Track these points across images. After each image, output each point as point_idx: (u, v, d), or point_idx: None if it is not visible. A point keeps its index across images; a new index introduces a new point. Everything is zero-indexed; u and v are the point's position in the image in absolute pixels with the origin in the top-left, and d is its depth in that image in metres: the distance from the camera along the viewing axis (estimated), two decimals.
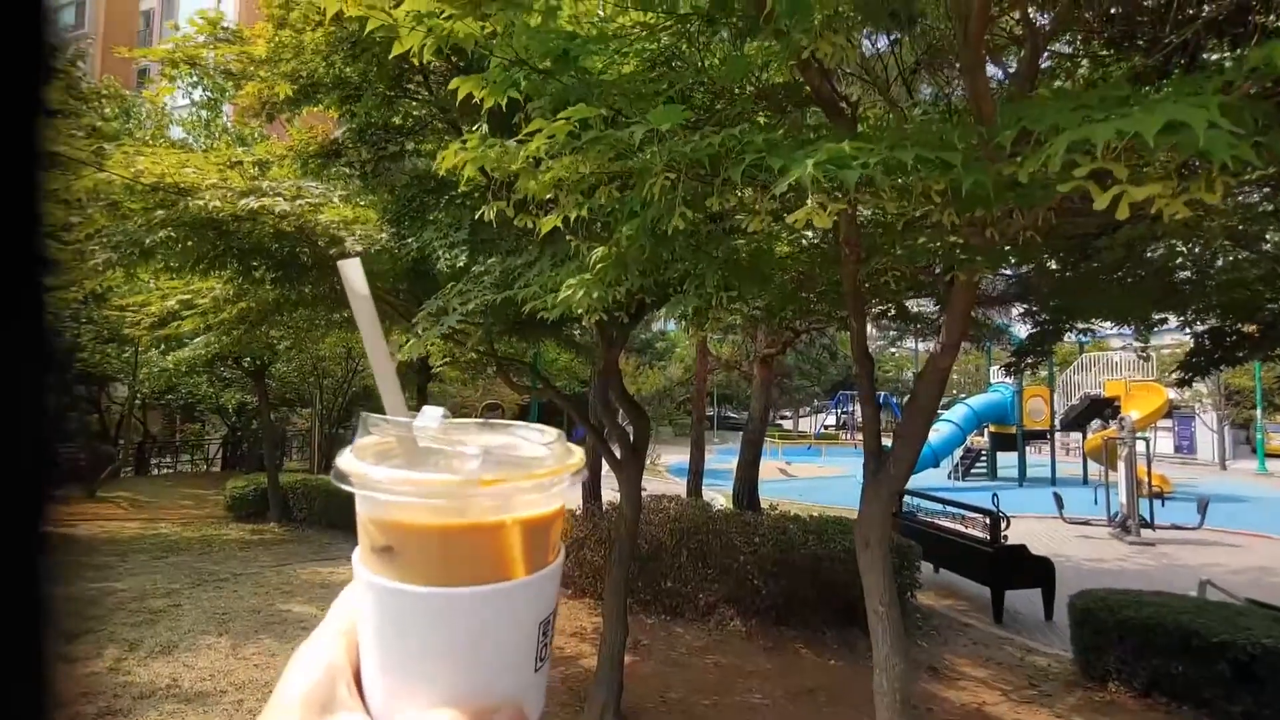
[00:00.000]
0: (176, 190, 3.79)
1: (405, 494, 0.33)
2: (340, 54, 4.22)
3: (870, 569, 2.41)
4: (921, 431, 2.44)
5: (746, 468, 9.52)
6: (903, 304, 4.30)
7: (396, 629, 0.34)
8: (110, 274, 4.82)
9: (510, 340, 5.05)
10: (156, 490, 14.36)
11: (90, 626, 5.67)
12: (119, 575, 7.27)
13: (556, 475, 0.36)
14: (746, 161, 1.18)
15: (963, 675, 5.65)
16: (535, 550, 0.36)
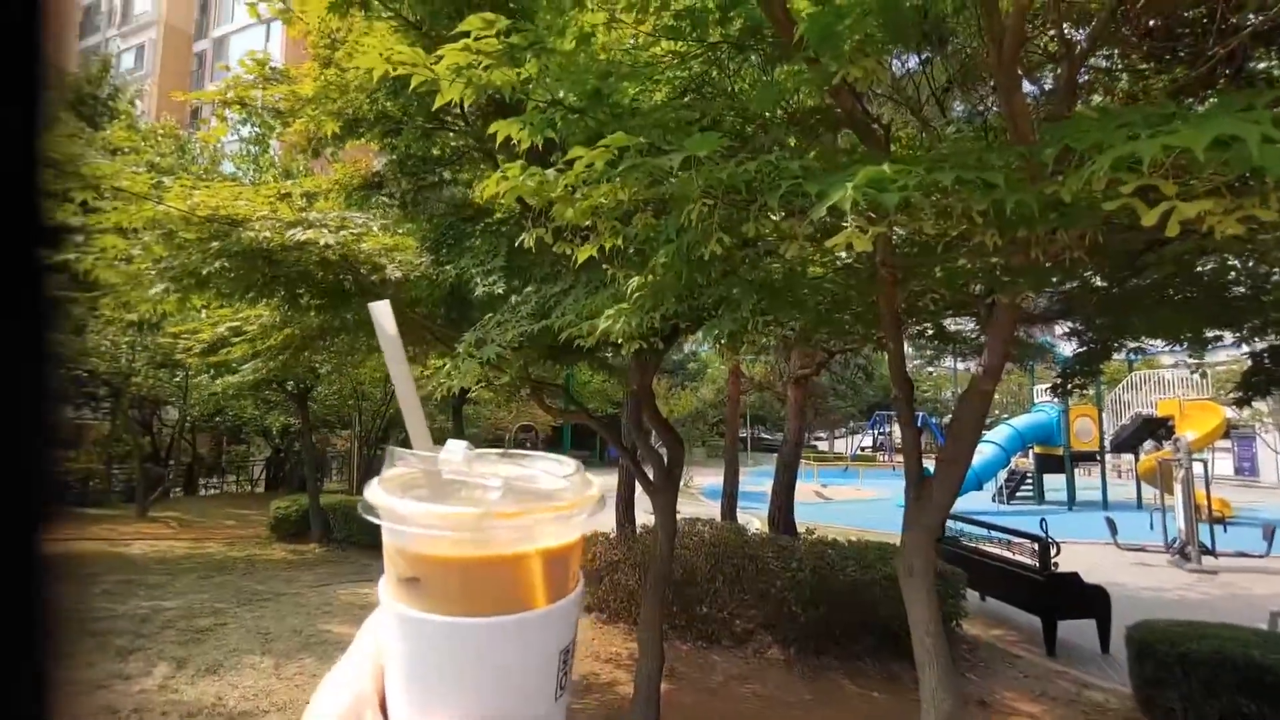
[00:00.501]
0: (230, 222, 3.97)
1: (430, 526, 0.34)
2: (382, 91, 4.39)
3: (914, 598, 2.34)
4: (965, 456, 2.37)
5: (782, 490, 9.37)
6: (941, 324, 4.21)
7: (421, 658, 0.35)
8: (166, 301, 5.04)
9: (545, 365, 5.11)
10: (204, 510, 14.80)
11: (142, 645, 5.84)
12: (168, 594, 7.48)
13: (576, 507, 0.37)
14: (783, 188, 1.18)
15: (1015, 710, 5.40)
16: (556, 580, 0.36)
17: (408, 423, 0.41)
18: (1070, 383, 4.75)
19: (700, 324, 2.82)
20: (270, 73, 5.70)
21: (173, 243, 4.18)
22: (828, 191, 1.09)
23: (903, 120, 3.62)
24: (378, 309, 0.42)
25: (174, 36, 38.09)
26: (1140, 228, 1.28)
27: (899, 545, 2.49)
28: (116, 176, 3.76)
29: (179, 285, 4.45)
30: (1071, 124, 1.12)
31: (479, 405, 15.88)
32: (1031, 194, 1.06)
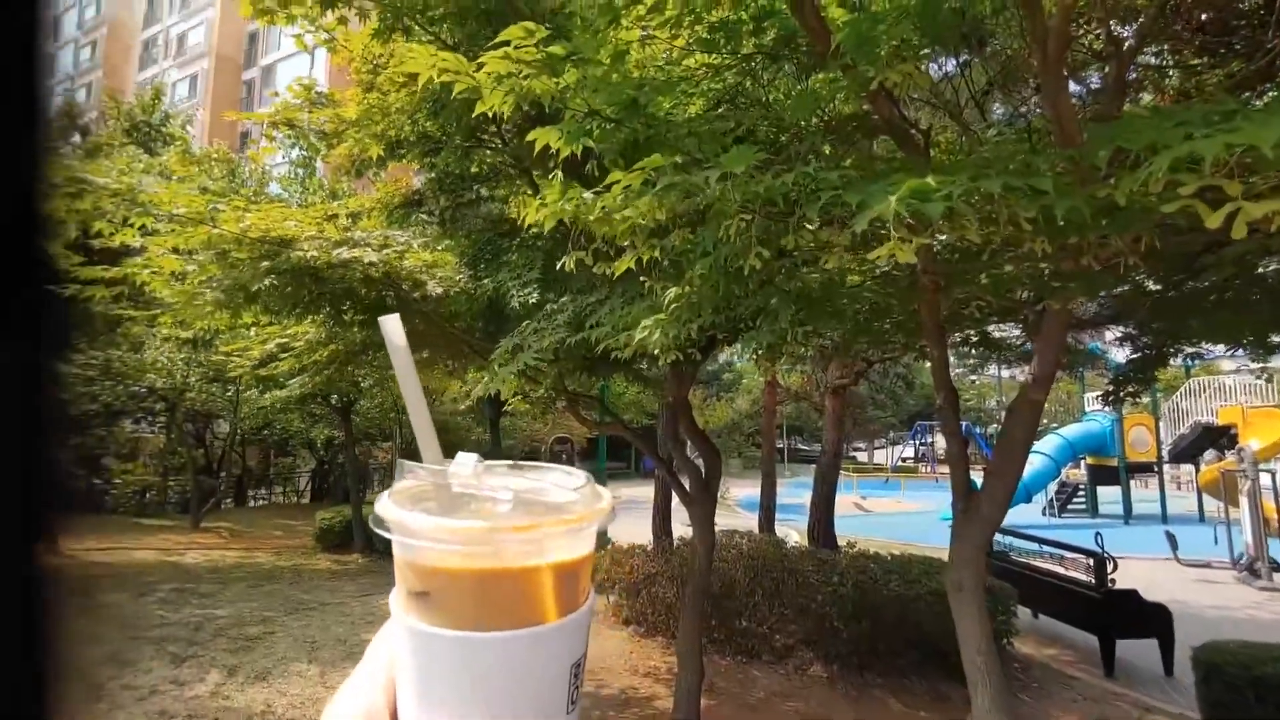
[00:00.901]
0: (280, 242, 4.12)
1: (440, 540, 0.34)
2: (423, 112, 4.51)
3: (965, 614, 2.26)
4: (1016, 469, 2.29)
5: (820, 502, 9.20)
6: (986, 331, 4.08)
7: (432, 671, 0.35)
8: (218, 318, 5.25)
9: (580, 377, 5.15)
10: (253, 521, 15.27)
11: (195, 652, 6.03)
12: (220, 603, 7.73)
13: (587, 520, 0.36)
14: (823, 200, 1.17)
15: None
16: (566, 593, 0.36)
17: (418, 435, 0.41)
18: (1123, 390, 4.55)
19: (737, 335, 2.80)
20: (316, 97, 5.93)
21: (225, 262, 4.37)
22: (869, 202, 1.08)
23: (941, 125, 3.55)
24: (387, 323, 0.42)
25: (225, 65, 39.94)
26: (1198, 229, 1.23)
27: (947, 560, 2.41)
28: (174, 201, 3.94)
29: (230, 301, 4.63)
30: (1123, 124, 1.08)
31: (515, 417, 16.05)
32: (1082, 199, 1.02)
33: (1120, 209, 1.07)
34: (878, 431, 34.17)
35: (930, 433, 32.02)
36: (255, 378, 8.04)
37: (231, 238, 4.14)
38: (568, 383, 4.81)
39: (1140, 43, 2.23)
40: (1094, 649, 6.50)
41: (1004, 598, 6.22)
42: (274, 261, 4.18)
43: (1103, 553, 6.76)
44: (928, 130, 2.40)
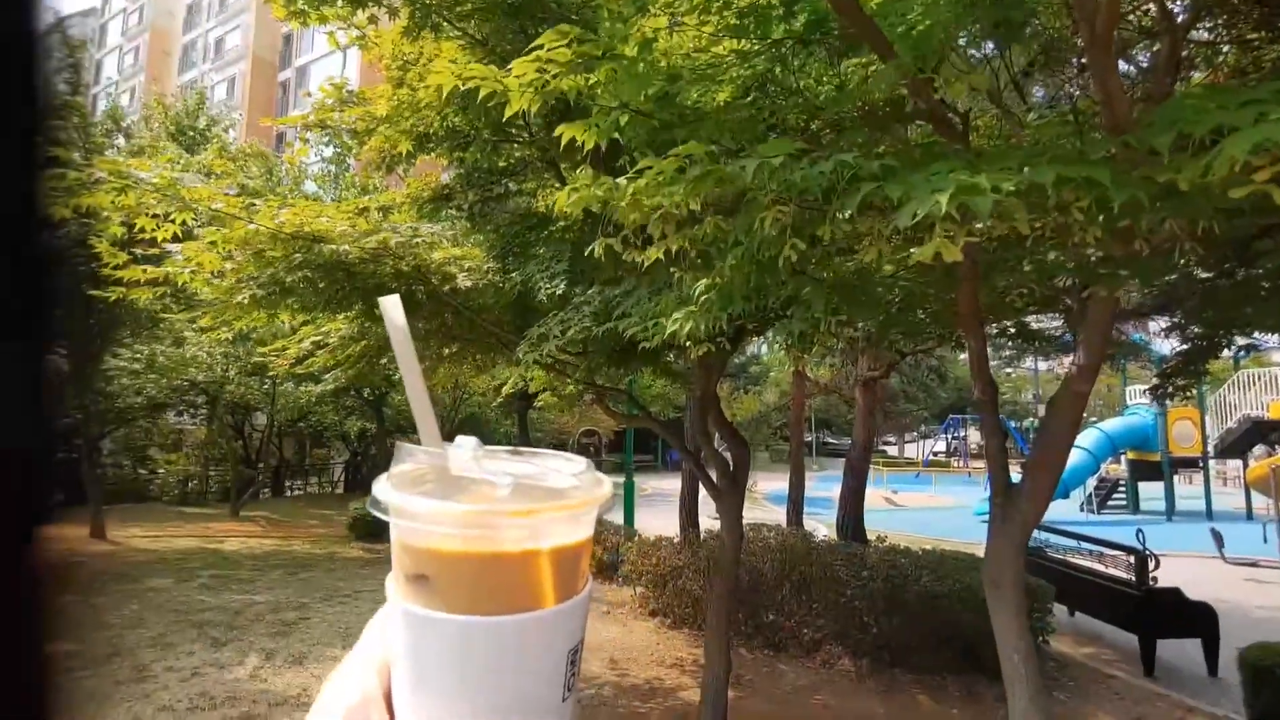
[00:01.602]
0: (313, 237, 4.19)
1: (438, 523, 0.34)
2: (452, 108, 4.54)
3: (1001, 611, 2.20)
4: (1058, 462, 2.21)
5: (850, 496, 9.10)
6: (1024, 322, 3.95)
7: (427, 656, 0.34)
8: (256, 315, 5.37)
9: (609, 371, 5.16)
10: (290, 510, 15.68)
11: (235, 636, 6.23)
12: (259, 589, 7.96)
13: (587, 506, 0.36)
14: (862, 193, 1.14)
15: None
16: (565, 579, 0.36)
17: (416, 417, 0.40)
18: (1171, 383, 4.37)
19: (767, 325, 2.76)
20: (347, 95, 6.02)
21: (262, 260, 4.46)
22: (912, 198, 1.04)
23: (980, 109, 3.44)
24: (387, 303, 0.41)
25: (261, 68, 40.81)
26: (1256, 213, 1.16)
27: (984, 556, 2.35)
28: (213, 199, 4.03)
29: (267, 298, 4.74)
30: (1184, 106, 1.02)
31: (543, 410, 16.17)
32: (1141, 186, 0.97)
33: (1180, 195, 1.01)
34: (909, 425, 33.63)
35: (963, 427, 31.41)
36: (292, 374, 8.26)
37: (267, 234, 4.23)
38: (596, 377, 4.82)
39: (1194, 17, 2.12)
40: (1133, 648, 6.32)
41: (1040, 595, 6.07)
42: (307, 256, 4.26)
43: (1144, 549, 6.56)
44: (966, 114, 2.33)
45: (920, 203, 1.01)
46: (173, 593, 7.64)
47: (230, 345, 11.56)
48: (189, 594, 7.62)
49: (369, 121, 5.57)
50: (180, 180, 4.00)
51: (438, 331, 5.86)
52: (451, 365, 7.37)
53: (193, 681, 5.14)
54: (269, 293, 4.69)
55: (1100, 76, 1.50)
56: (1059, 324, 6.48)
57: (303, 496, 19.50)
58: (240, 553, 10.29)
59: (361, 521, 11.86)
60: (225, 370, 12.83)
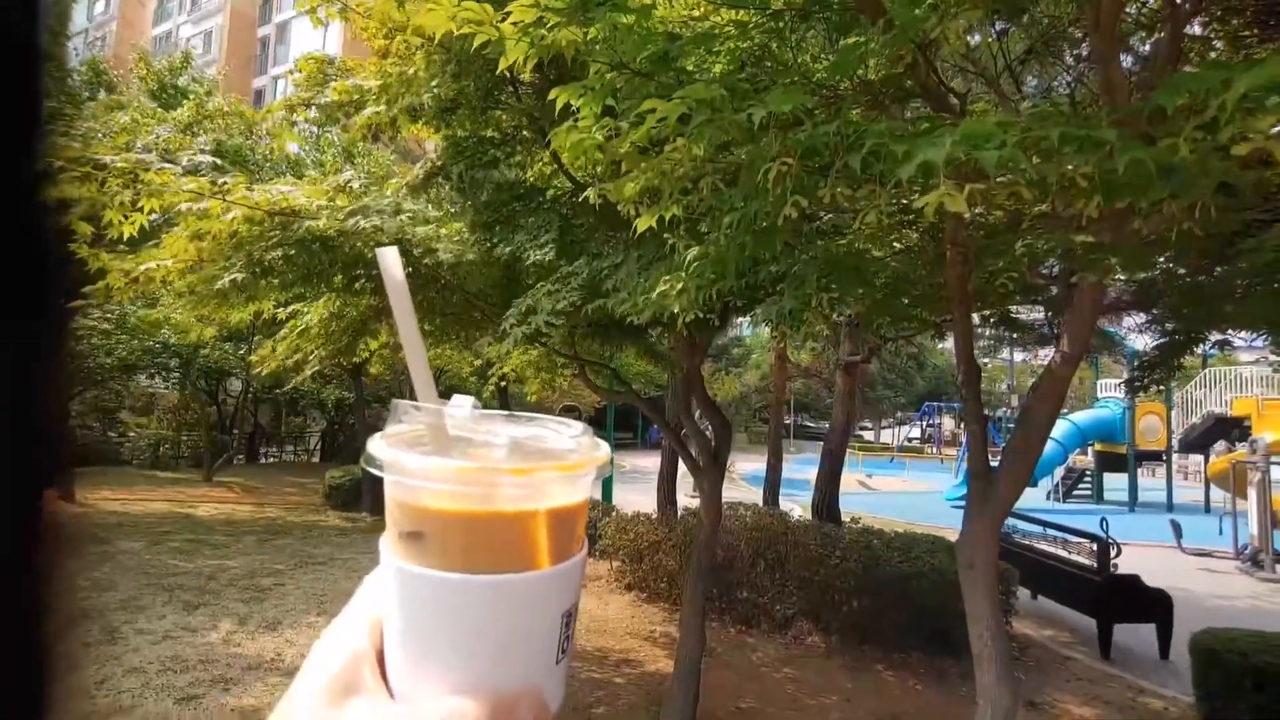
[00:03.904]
0: (291, 213, 4.09)
1: (434, 479, 0.33)
2: (443, 78, 4.42)
3: (974, 593, 2.25)
4: (1036, 448, 2.25)
5: (826, 479, 9.23)
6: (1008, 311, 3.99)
7: (420, 614, 0.34)
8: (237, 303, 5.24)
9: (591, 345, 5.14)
10: (265, 477, 15.52)
11: (208, 600, 6.18)
12: (232, 554, 7.90)
13: (584, 467, 0.35)
14: (867, 147, 1.12)
15: (1065, 712, 5.23)
16: (561, 541, 0.35)
17: (413, 373, 0.39)
18: (1148, 376, 4.47)
19: (755, 304, 2.75)
20: (330, 69, 5.82)
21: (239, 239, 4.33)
22: (915, 152, 1.02)
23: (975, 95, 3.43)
24: (386, 254, 0.40)
25: (239, 21, 39.38)
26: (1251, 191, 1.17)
27: (958, 538, 2.40)
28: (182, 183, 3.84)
29: (246, 278, 4.64)
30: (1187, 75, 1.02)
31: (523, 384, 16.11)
32: (1146, 151, 0.96)
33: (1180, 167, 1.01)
34: (886, 411, 34.15)
35: (938, 414, 31.98)
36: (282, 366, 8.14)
37: (243, 218, 4.09)
38: (578, 348, 4.79)
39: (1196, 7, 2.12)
40: (1091, 632, 6.55)
41: (1005, 578, 6.25)
42: (285, 233, 4.16)
43: (1107, 538, 6.77)
44: (964, 95, 2.31)
45: (926, 151, 1.00)
46: (143, 556, 7.55)
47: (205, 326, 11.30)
48: (160, 558, 7.53)
49: (355, 94, 5.40)
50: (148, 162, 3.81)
51: (419, 306, 5.77)
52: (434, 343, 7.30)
53: (164, 644, 5.10)
54: (248, 275, 4.58)
55: (1104, 63, 1.49)
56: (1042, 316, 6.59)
57: (278, 464, 19.31)
58: (214, 518, 10.18)
59: (338, 490, 11.78)
60: (199, 334, 12.55)
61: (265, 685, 4.57)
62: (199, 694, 4.35)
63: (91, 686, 4.37)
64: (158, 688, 4.40)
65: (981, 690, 2.26)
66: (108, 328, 12.52)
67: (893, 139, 1.14)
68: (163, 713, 4.10)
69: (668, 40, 1.74)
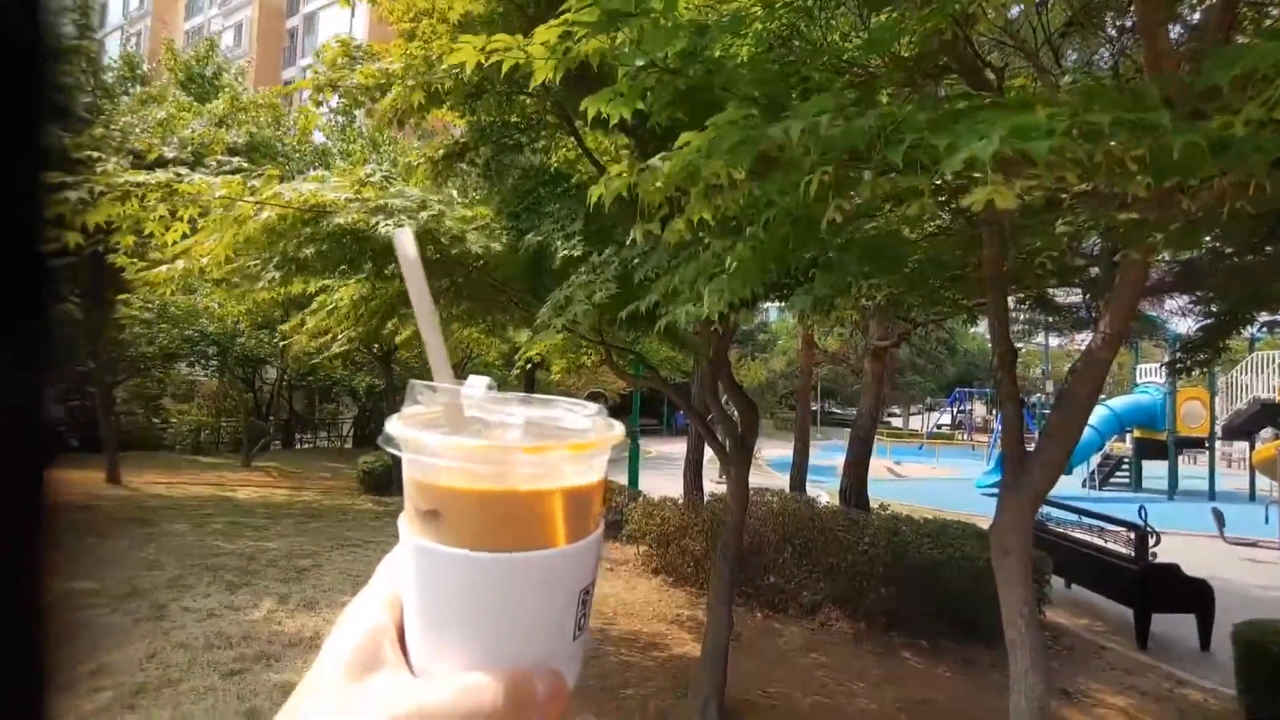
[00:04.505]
0: (319, 210, 4.17)
1: (450, 457, 0.33)
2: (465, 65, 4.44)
3: (1009, 579, 2.22)
4: (1074, 432, 2.20)
5: (854, 465, 9.15)
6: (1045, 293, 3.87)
7: (438, 591, 0.34)
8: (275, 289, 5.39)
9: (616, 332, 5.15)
10: (300, 462, 15.94)
11: (249, 580, 6.40)
12: (271, 536, 8.15)
13: (599, 447, 0.36)
14: (907, 142, 1.09)
15: (1100, 702, 5.15)
16: (577, 520, 0.35)
17: (429, 351, 0.39)
18: (1191, 359, 4.32)
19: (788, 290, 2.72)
20: (356, 53, 5.89)
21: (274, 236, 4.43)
22: (960, 144, 0.99)
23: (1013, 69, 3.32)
24: (400, 235, 0.40)
25: (268, 13, 39.89)
26: None
27: (991, 523, 2.37)
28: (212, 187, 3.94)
29: (284, 274, 4.78)
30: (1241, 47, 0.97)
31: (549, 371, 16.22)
32: (1201, 131, 0.92)
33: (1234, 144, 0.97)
34: (915, 397, 33.62)
35: (969, 400, 31.39)
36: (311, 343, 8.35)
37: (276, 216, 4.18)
38: (604, 333, 4.81)
39: None
40: (1127, 622, 6.42)
41: (1038, 566, 6.15)
42: (316, 229, 4.25)
43: (1145, 526, 6.61)
44: (1002, 70, 2.23)
45: (971, 145, 0.97)
46: (188, 537, 7.83)
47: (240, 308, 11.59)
48: (204, 539, 7.81)
49: (380, 78, 5.45)
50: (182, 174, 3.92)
51: (446, 291, 5.84)
52: (461, 326, 7.38)
53: (209, 622, 5.30)
54: (284, 271, 4.71)
55: (1149, 32, 1.43)
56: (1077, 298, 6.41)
57: (312, 449, 19.79)
58: (253, 501, 10.50)
59: (370, 475, 12.05)
60: (236, 322, 12.89)
61: (305, 662, 4.72)
62: (243, 669, 4.51)
63: (143, 660, 4.56)
64: (204, 663, 4.58)
65: (1014, 678, 2.23)
66: (149, 317, 12.92)
67: (933, 131, 1.11)
68: (210, 686, 4.27)
69: (695, 33, 1.71)
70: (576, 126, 5.31)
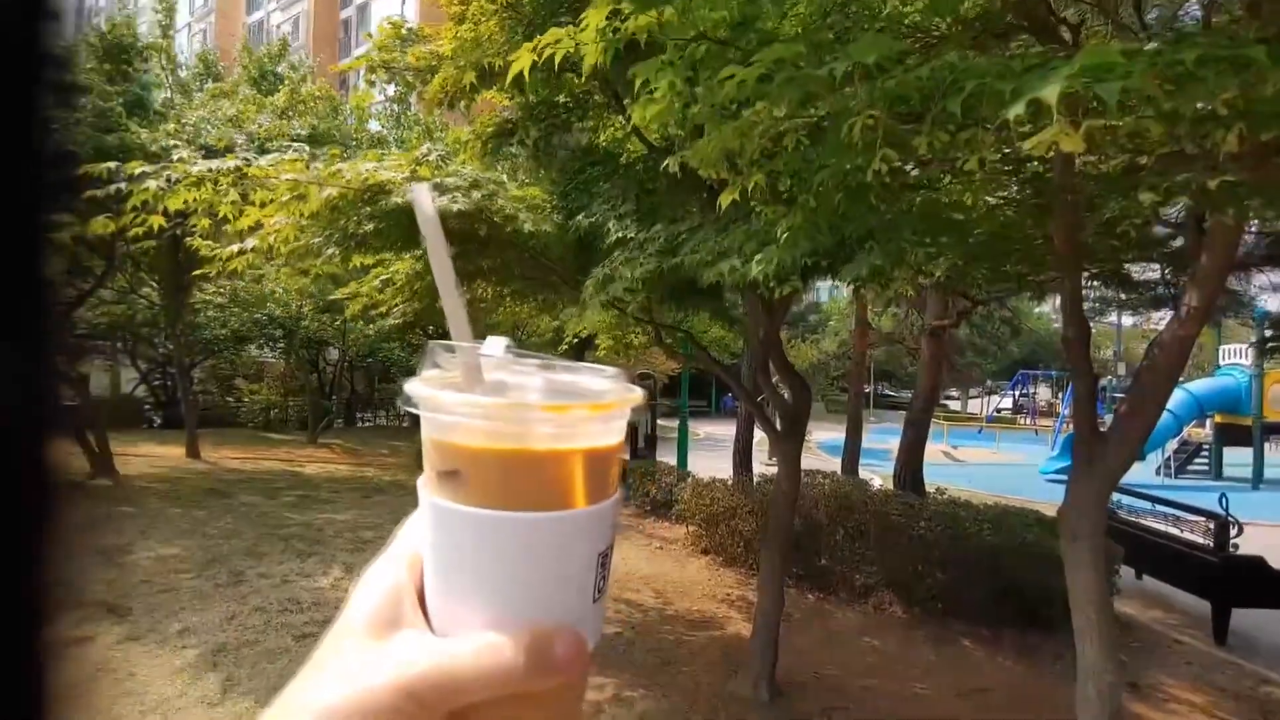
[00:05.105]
0: (377, 189, 4.30)
1: (469, 417, 0.33)
2: (515, 43, 4.46)
3: (1078, 564, 2.12)
4: (1152, 411, 2.07)
5: (909, 448, 8.92)
6: (1122, 268, 3.62)
7: (457, 551, 0.34)
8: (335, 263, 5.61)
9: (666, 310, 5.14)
10: (362, 439, 16.62)
11: (318, 550, 6.75)
12: (338, 509, 8.56)
13: (619, 407, 0.35)
14: (967, 90, 1.03)
15: (1173, 698, 4.92)
16: (596, 482, 0.35)
17: (448, 314, 0.39)
18: None
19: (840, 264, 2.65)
20: (407, 34, 6.00)
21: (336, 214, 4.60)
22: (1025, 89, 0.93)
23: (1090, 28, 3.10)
24: (418, 191, 0.40)
25: (323, 6, 40.93)
26: None
27: (1061, 507, 2.26)
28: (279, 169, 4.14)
29: (343, 250, 4.96)
30: None
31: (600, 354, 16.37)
32: None
33: None
34: (974, 379, 32.40)
35: (1033, 383, 30.06)
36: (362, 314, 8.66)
37: (338, 195, 4.33)
38: (654, 314, 4.80)
39: None
40: (1203, 615, 6.09)
41: (1108, 555, 5.88)
42: (374, 208, 4.38)
43: (1226, 515, 6.22)
44: (1078, 26, 2.08)
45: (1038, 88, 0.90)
46: (261, 509, 8.30)
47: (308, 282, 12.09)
48: (276, 510, 8.26)
49: (431, 59, 5.54)
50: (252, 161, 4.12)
51: (497, 270, 5.94)
52: (512, 304, 7.51)
53: (282, 588, 5.62)
54: (344, 248, 4.90)
55: None
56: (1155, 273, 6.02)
57: (373, 428, 20.58)
58: (319, 476, 11.03)
59: None
60: (300, 306, 13.48)
61: None
62: (313, 632, 4.78)
63: (223, 622, 4.89)
64: (278, 625, 4.87)
65: (1083, 667, 2.15)
66: (221, 301, 13.64)
67: (997, 78, 1.05)
68: (283, 647, 4.54)
69: (744, 3, 1.66)
70: (625, 106, 5.28)
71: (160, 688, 3.92)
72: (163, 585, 5.52)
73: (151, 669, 4.14)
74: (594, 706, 3.97)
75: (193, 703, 3.79)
